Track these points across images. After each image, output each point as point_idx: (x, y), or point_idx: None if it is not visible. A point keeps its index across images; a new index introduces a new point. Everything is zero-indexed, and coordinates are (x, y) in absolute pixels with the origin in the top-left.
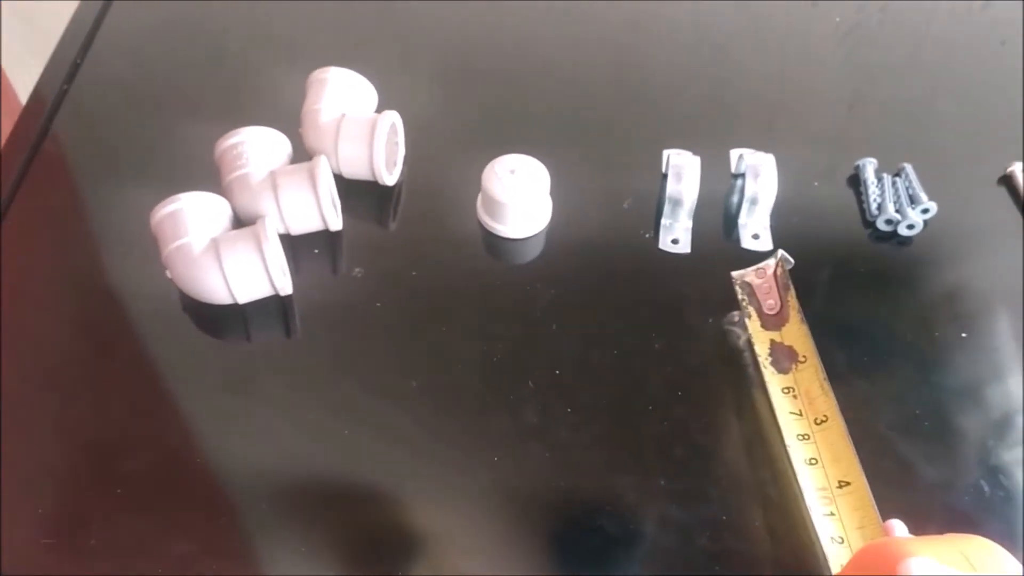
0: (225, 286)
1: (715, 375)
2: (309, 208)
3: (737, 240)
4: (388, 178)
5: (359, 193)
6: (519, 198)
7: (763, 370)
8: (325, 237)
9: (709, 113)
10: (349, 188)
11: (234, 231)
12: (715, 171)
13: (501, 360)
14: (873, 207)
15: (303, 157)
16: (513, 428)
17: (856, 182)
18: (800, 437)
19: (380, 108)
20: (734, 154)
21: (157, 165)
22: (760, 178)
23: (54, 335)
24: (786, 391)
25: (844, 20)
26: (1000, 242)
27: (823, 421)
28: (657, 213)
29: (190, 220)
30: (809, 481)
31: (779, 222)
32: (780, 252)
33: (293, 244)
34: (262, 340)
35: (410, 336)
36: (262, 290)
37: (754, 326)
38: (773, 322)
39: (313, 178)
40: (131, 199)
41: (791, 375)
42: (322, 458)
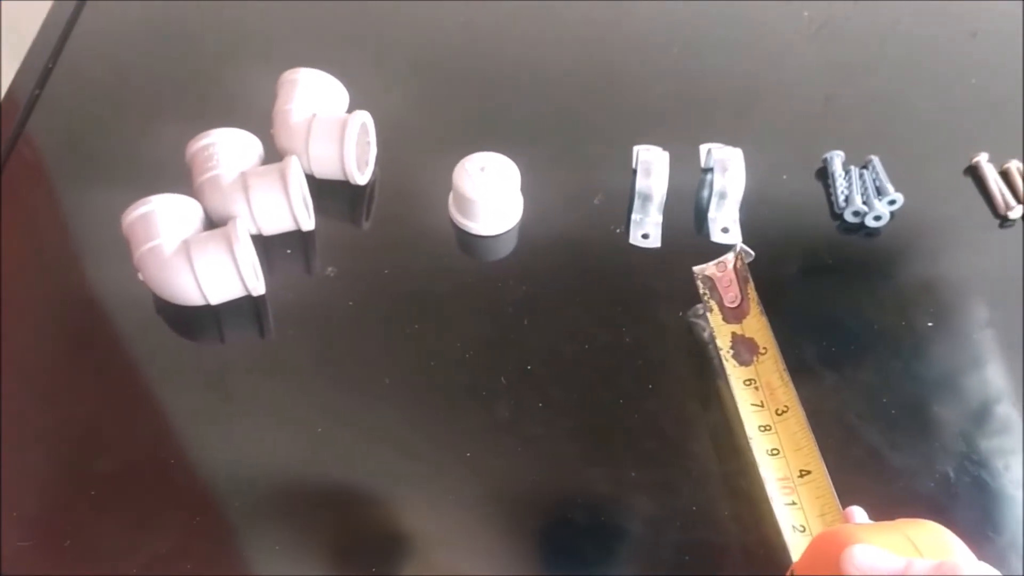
0: (197, 287)
1: (684, 368)
2: (280, 208)
3: (707, 234)
4: (360, 177)
5: (331, 193)
6: (490, 195)
7: (725, 363)
8: (298, 237)
9: (680, 109)
10: (321, 188)
11: (205, 232)
12: (686, 166)
13: (474, 356)
14: (841, 199)
15: (275, 158)
16: (486, 423)
17: (824, 175)
18: (762, 428)
19: (351, 108)
20: (703, 149)
21: (129, 167)
22: (728, 172)
23: (27, 338)
24: (748, 383)
25: (814, 16)
26: (966, 232)
27: (784, 412)
28: (628, 208)
29: (161, 222)
30: (771, 471)
31: (748, 215)
32: (739, 245)
33: (266, 244)
34: (236, 340)
35: (383, 334)
36: (234, 291)
37: (716, 320)
38: (734, 315)
39: (284, 178)
40: (104, 201)
41: (752, 367)
42: (296, 456)
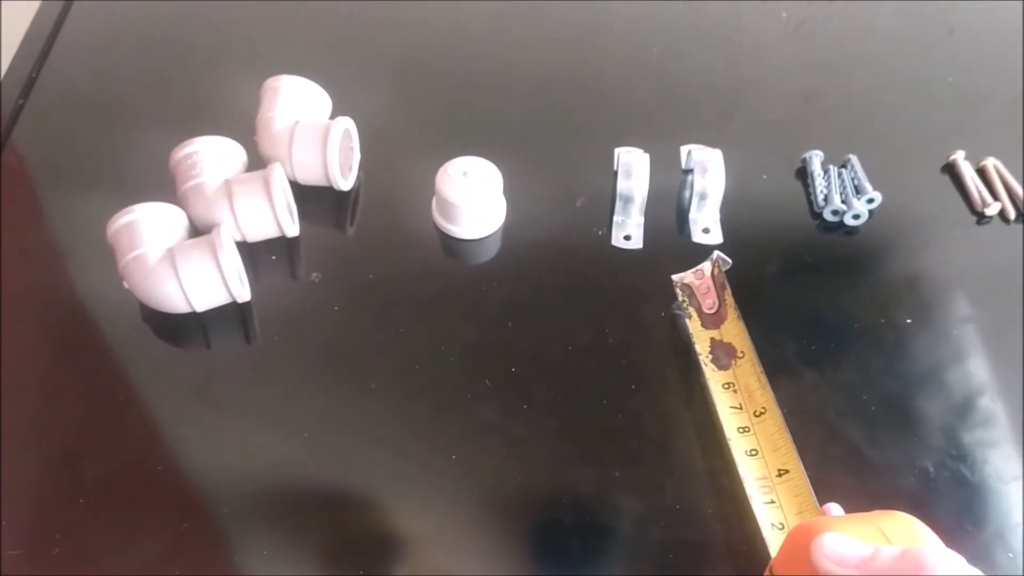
0: (182, 295)
1: (667, 367)
2: (264, 215)
3: (688, 235)
4: (343, 183)
5: (315, 199)
6: (472, 199)
7: (704, 368)
8: (282, 243)
9: (660, 110)
10: (305, 194)
11: (190, 240)
12: (667, 167)
13: (458, 359)
14: (820, 198)
15: (258, 165)
16: (471, 425)
17: (803, 174)
18: (741, 430)
19: (334, 114)
20: (683, 150)
21: (113, 176)
22: (708, 173)
23: (14, 347)
24: (726, 387)
25: (792, 16)
26: (944, 229)
27: (762, 413)
28: (610, 210)
29: (145, 231)
30: (750, 472)
31: (729, 215)
32: (715, 253)
33: (251, 251)
34: (222, 347)
35: (368, 338)
36: (220, 298)
37: (695, 326)
38: (713, 321)
39: (268, 185)
40: (88, 210)
41: (731, 371)
42: (284, 460)
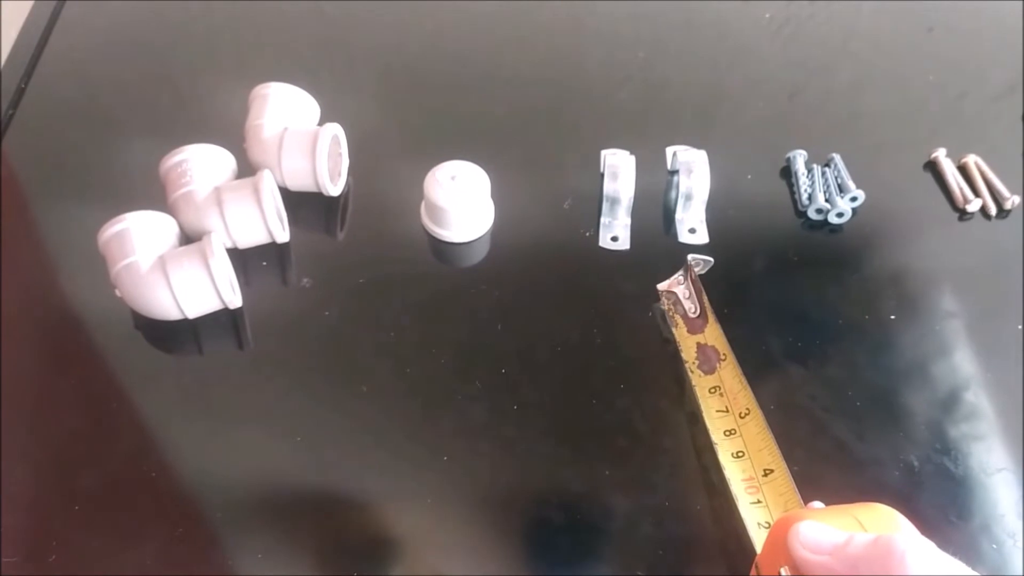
0: (174, 302)
1: (655, 366)
2: (255, 222)
3: (675, 235)
4: (333, 189)
5: (305, 205)
6: (461, 203)
7: (691, 375)
8: (273, 249)
9: (646, 112)
10: (295, 200)
11: (181, 248)
12: (653, 169)
13: (449, 361)
14: (804, 197)
15: (248, 172)
16: (462, 427)
17: (787, 174)
18: (727, 433)
19: (322, 121)
20: (669, 151)
21: (104, 185)
22: (693, 174)
23: (6, 355)
24: (713, 390)
25: (775, 16)
26: (926, 226)
27: (746, 415)
28: (597, 212)
29: (136, 239)
30: (736, 473)
31: (715, 215)
32: (690, 257)
33: (241, 257)
34: (214, 353)
35: (359, 342)
36: (211, 304)
37: (681, 333)
38: (697, 326)
39: (257, 192)
40: (79, 219)
41: (716, 374)
42: (276, 465)
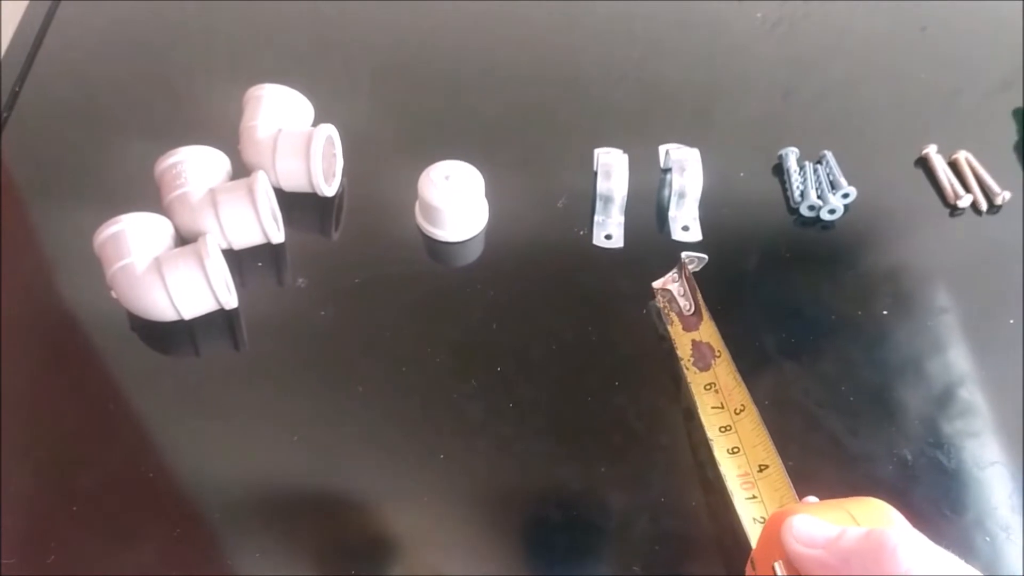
0: (170, 303)
1: (650, 363)
2: (249, 223)
3: (668, 233)
4: (327, 189)
5: (299, 205)
6: (455, 203)
7: (686, 372)
8: (268, 250)
9: (639, 111)
10: (290, 201)
11: (176, 249)
12: (646, 167)
13: (445, 361)
14: (796, 194)
15: (242, 173)
16: (459, 425)
17: (780, 171)
18: (722, 429)
19: (316, 122)
20: (662, 150)
21: (98, 187)
22: (686, 172)
23: (4, 357)
24: (708, 387)
25: (768, 15)
26: (918, 222)
27: (741, 411)
28: (591, 210)
29: (132, 241)
30: (732, 469)
31: (708, 213)
32: (683, 254)
33: (237, 258)
34: (210, 354)
35: (355, 342)
36: (207, 305)
37: (676, 331)
38: (692, 323)
39: (252, 193)
40: (75, 221)
41: (712, 371)
42: (274, 464)
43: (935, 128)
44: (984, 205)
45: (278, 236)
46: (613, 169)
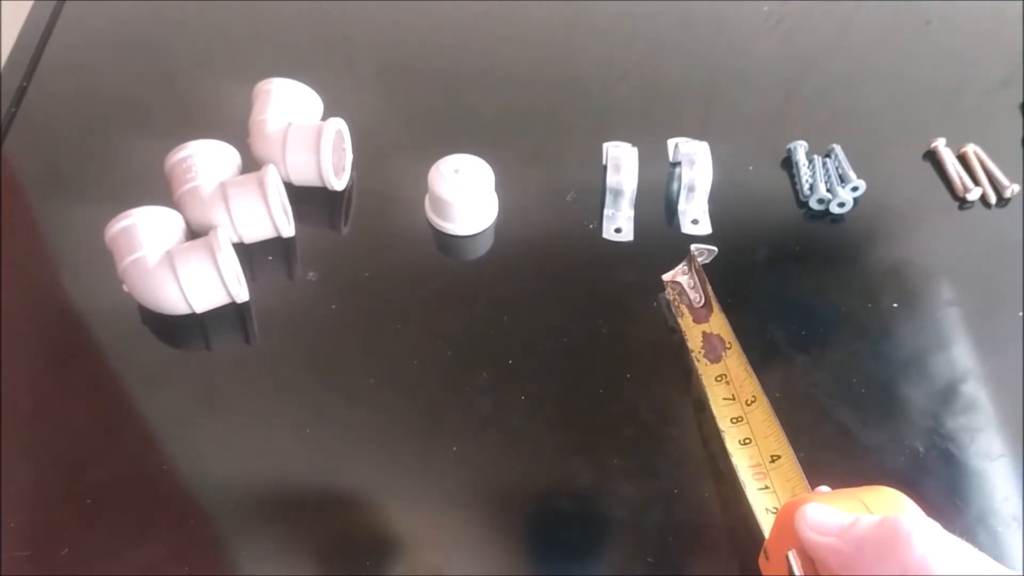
0: (182, 296)
1: (660, 355)
2: (260, 216)
3: (678, 226)
4: (337, 183)
5: (309, 199)
6: (465, 196)
7: (696, 364)
8: (278, 244)
9: (647, 105)
10: (299, 195)
11: (188, 243)
12: (655, 161)
13: (456, 353)
14: (805, 187)
15: (252, 167)
16: (470, 418)
17: (788, 164)
18: (734, 420)
19: (325, 116)
20: (671, 143)
21: (109, 182)
22: (696, 165)
23: (17, 353)
24: (719, 379)
25: (774, 10)
26: (927, 215)
27: (752, 401)
28: (600, 204)
29: (143, 234)
30: (744, 460)
31: (717, 206)
32: (692, 247)
33: (247, 252)
34: (222, 347)
35: (366, 335)
36: (219, 298)
37: (686, 323)
38: (702, 315)
39: (263, 187)
40: (85, 216)
41: (722, 362)
42: (285, 458)
43: (942, 122)
44: (993, 198)
45: (288, 230)
46: (623, 163)
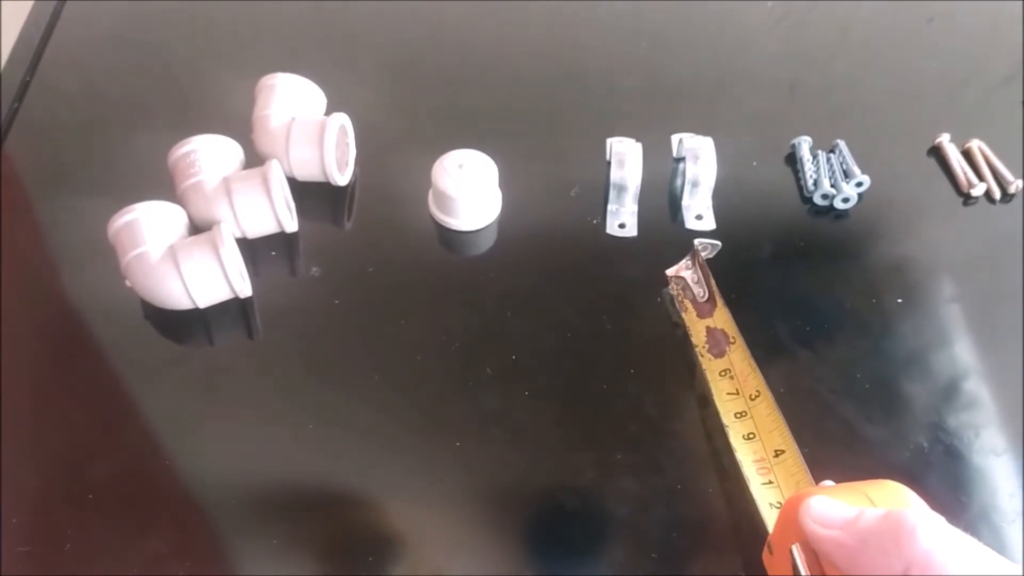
0: (185, 292)
1: (664, 351)
2: (263, 211)
3: (681, 222)
4: (340, 179)
5: (313, 194)
6: (468, 192)
7: (700, 359)
8: (281, 239)
9: (651, 100)
10: (303, 190)
11: (191, 238)
12: (658, 156)
13: (459, 349)
14: (809, 183)
15: (255, 162)
16: (474, 414)
17: (793, 160)
18: (738, 415)
19: (329, 111)
20: (675, 139)
21: (112, 177)
22: (700, 161)
23: (19, 347)
24: (723, 373)
25: (778, 6)
26: (931, 210)
27: (756, 396)
28: (604, 199)
29: (146, 229)
30: (748, 455)
31: (721, 202)
32: (696, 241)
33: (250, 247)
34: (224, 342)
35: (369, 331)
36: (222, 294)
37: (690, 318)
38: (706, 310)
39: (266, 182)
40: (88, 212)
41: (726, 357)
42: (287, 454)
43: (947, 117)
44: (997, 194)
45: (292, 225)
46: (627, 158)
